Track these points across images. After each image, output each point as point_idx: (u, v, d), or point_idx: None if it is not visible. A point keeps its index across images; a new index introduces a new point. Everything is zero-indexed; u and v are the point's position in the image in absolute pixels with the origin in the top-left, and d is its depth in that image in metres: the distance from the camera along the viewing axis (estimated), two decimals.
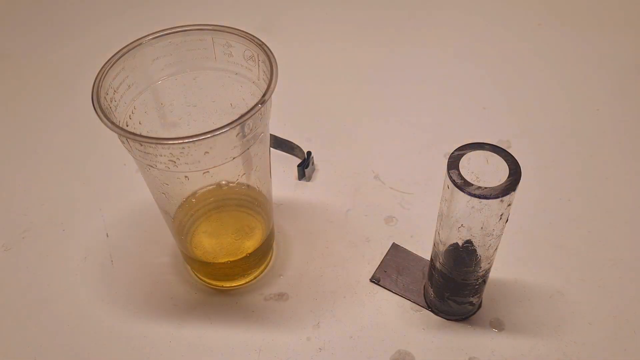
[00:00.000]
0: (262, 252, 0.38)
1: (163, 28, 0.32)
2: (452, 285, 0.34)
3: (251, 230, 0.38)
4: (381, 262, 0.39)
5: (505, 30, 0.60)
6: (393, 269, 0.39)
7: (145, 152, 0.28)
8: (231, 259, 0.37)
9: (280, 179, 0.45)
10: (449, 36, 0.59)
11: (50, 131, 0.51)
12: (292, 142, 0.46)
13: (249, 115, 0.27)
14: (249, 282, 0.39)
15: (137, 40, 0.31)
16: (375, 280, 0.39)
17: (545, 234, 0.41)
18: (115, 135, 0.28)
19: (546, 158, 0.46)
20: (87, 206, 0.44)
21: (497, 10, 0.62)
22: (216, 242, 0.39)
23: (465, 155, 0.28)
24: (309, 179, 0.45)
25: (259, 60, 0.31)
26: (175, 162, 0.28)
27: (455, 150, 0.29)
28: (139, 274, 0.40)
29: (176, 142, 0.26)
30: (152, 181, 0.33)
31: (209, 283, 0.39)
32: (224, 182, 0.35)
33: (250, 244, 0.37)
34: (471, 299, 0.35)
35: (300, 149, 0.46)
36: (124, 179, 0.46)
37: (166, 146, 0.27)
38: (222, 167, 0.30)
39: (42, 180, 0.47)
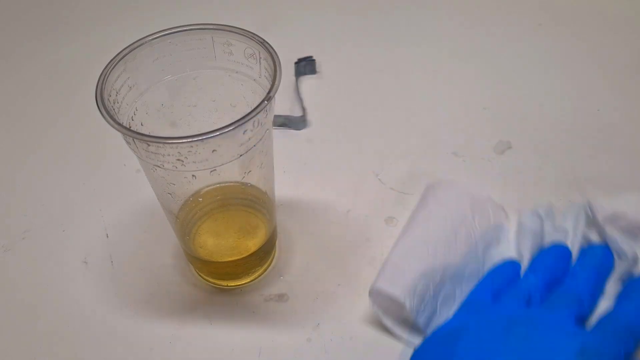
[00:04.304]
0: (265, 251, 0.38)
1: (163, 28, 0.32)
2: None
3: (254, 229, 0.38)
4: None
5: (505, 30, 0.60)
6: None
7: (152, 153, 0.28)
8: (234, 258, 0.37)
9: (281, 179, 0.45)
10: (449, 36, 0.59)
11: (50, 132, 0.51)
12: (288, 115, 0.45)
13: (256, 111, 0.28)
14: (252, 280, 0.39)
15: (138, 40, 0.31)
16: None
17: None
18: (115, 135, 0.28)
19: (546, 158, 0.46)
20: (87, 206, 0.44)
21: (497, 11, 0.62)
22: (220, 241, 0.38)
23: None
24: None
25: (260, 58, 0.31)
26: (183, 161, 0.28)
27: None
28: (139, 274, 0.40)
29: (186, 140, 0.26)
30: (157, 181, 0.33)
31: (213, 282, 0.39)
32: (228, 180, 0.35)
33: (254, 243, 0.37)
34: None
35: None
36: (124, 179, 0.46)
37: (174, 145, 0.27)
38: (229, 165, 0.30)
39: (42, 180, 0.47)
